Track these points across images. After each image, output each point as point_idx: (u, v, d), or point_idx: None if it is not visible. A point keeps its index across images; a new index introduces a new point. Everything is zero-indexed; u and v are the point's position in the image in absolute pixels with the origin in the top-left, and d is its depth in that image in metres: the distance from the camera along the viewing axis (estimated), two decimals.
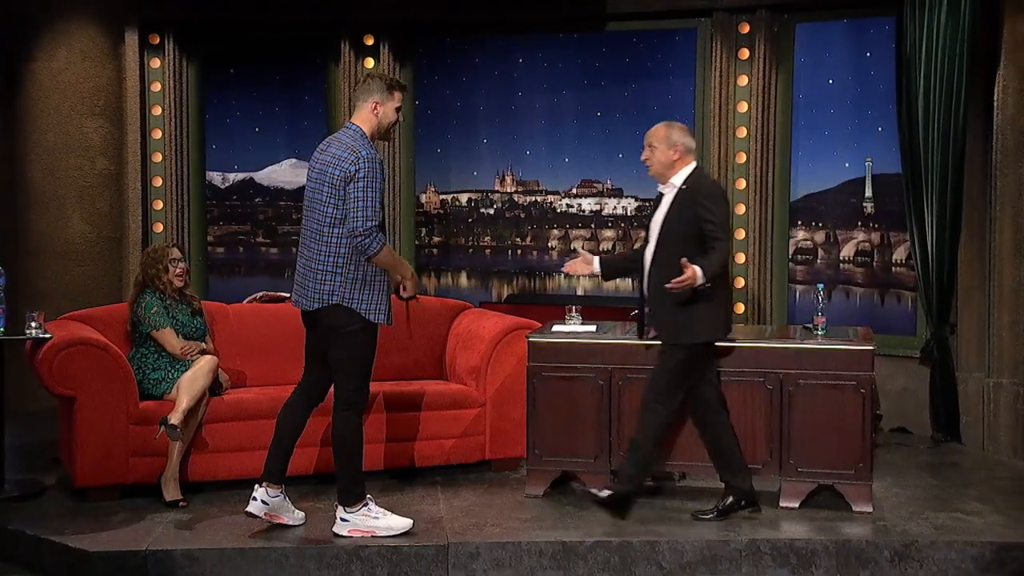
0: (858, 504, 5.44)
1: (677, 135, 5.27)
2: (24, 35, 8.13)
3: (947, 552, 5.07)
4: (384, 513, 5.11)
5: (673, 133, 5.27)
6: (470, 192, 8.81)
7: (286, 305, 6.50)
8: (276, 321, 6.43)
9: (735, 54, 8.01)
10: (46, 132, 8.08)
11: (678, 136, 5.27)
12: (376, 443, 5.97)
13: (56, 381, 5.59)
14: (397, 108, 5.13)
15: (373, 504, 5.13)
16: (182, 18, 8.40)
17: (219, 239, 8.80)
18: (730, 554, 5.04)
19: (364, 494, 5.13)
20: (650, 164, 5.32)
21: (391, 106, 5.10)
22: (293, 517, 5.25)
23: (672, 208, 5.24)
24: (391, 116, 5.12)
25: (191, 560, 4.93)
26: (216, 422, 5.78)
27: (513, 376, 6.13)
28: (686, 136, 5.30)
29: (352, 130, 5.09)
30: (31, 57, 8.10)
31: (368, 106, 5.10)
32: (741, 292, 8.05)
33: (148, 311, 5.88)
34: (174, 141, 8.43)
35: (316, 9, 8.41)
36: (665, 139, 5.27)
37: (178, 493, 5.59)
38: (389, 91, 5.10)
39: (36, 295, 7.73)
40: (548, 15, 8.40)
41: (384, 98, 5.09)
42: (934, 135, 6.80)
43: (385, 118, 5.11)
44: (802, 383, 5.46)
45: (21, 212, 8.18)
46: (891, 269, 7.57)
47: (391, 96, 5.09)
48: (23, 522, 5.35)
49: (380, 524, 5.08)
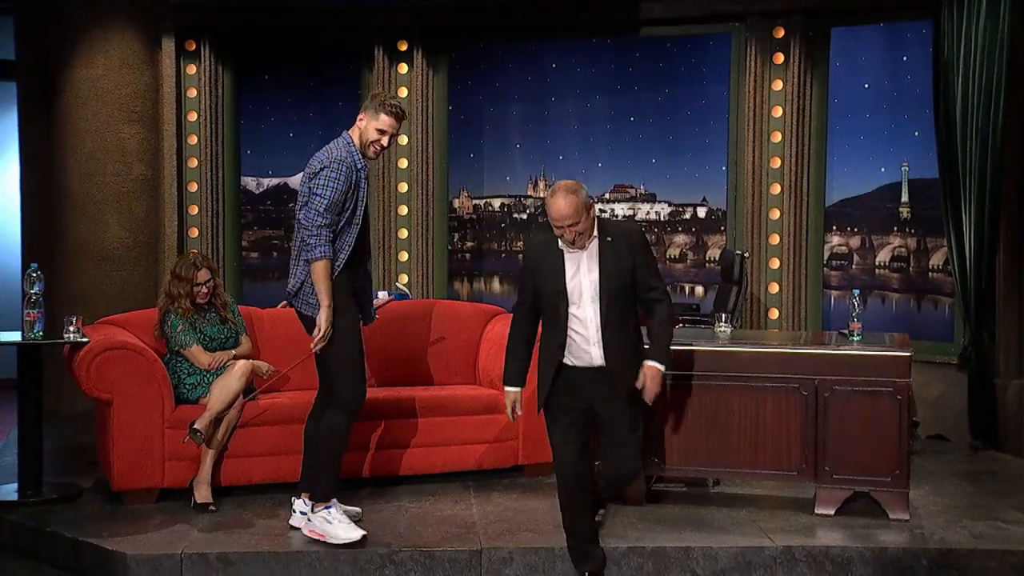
0: (895, 512, 5.39)
1: (583, 193, 4.56)
2: (62, 43, 8.21)
3: (986, 561, 5.01)
4: (341, 521, 5.06)
5: (581, 193, 4.55)
6: (503, 197, 8.81)
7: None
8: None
9: (770, 58, 7.98)
10: (84, 139, 8.15)
11: (584, 193, 4.57)
12: (409, 448, 5.98)
13: (93, 385, 5.63)
14: (380, 130, 5.08)
15: (336, 509, 5.10)
16: (217, 25, 8.47)
17: (253, 244, 8.85)
18: (764, 561, 5.00)
19: (329, 496, 5.11)
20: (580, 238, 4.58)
21: (374, 125, 5.08)
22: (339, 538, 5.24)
23: (603, 262, 4.62)
24: (371, 134, 5.09)
25: (226, 563, 4.94)
26: (250, 426, 5.80)
27: None
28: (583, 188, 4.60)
29: (342, 136, 5.17)
30: (69, 64, 8.18)
31: (359, 120, 5.15)
32: (776, 296, 8.02)
33: (174, 330, 5.90)
34: (209, 147, 8.49)
35: (350, 15, 8.45)
36: (582, 206, 4.54)
37: (209, 497, 5.61)
38: (376, 111, 5.09)
39: (74, 299, 7.80)
40: (581, 20, 8.40)
41: (371, 116, 5.10)
42: (972, 139, 6.74)
43: (365, 134, 5.11)
44: (837, 389, 5.42)
45: (59, 217, 8.25)
46: (928, 274, 7.51)
47: (376, 117, 5.08)
48: (61, 524, 5.39)
49: (334, 531, 5.03)
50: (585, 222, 4.55)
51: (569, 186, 4.56)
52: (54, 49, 8.26)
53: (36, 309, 5.78)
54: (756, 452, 5.50)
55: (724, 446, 5.50)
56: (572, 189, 4.54)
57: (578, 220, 4.52)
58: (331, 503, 5.11)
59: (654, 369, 4.68)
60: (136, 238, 8.23)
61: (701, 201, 8.38)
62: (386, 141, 5.11)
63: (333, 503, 5.11)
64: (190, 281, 5.93)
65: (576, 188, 4.55)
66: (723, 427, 5.47)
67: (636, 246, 4.67)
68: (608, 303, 4.60)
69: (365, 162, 5.15)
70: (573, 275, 4.65)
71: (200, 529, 5.29)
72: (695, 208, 8.40)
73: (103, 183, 8.14)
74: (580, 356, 4.66)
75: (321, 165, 5.05)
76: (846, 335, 5.73)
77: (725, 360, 5.54)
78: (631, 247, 4.65)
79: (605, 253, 4.64)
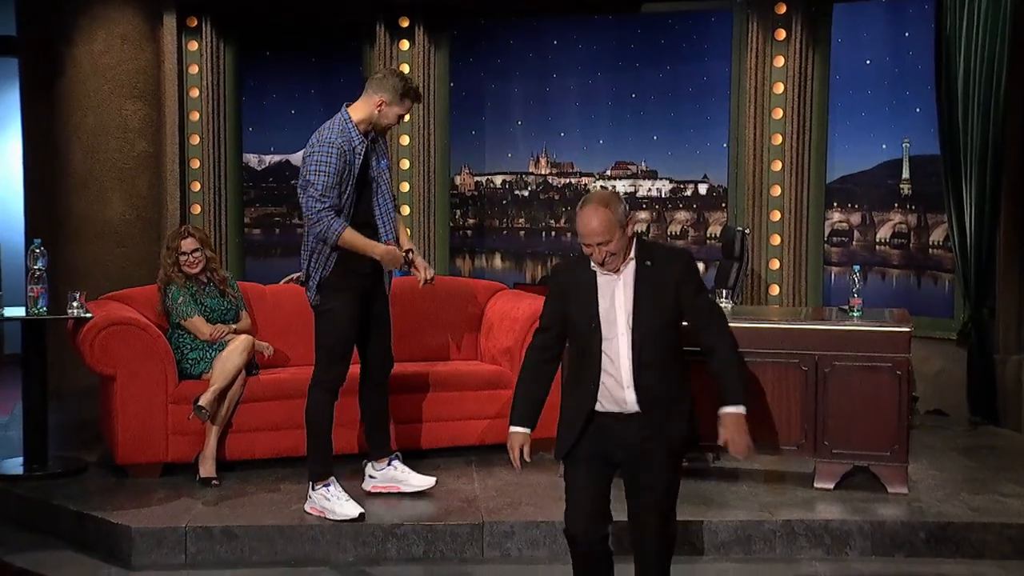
0: (894, 486, 5.41)
1: (619, 207, 3.81)
2: (63, 19, 8.18)
3: (983, 534, 5.04)
4: (339, 498, 5.10)
5: (616, 207, 3.79)
6: (504, 174, 8.81)
7: None
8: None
9: (771, 35, 7.95)
10: (86, 115, 8.14)
11: (621, 207, 3.82)
12: (413, 423, 6.01)
13: (97, 360, 5.66)
14: (400, 115, 5.12)
15: (334, 487, 5.13)
16: (219, 1, 8.43)
17: (255, 221, 8.85)
18: (764, 534, 5.03)
19: (326, 474, 5.15)
20: (612, 259, 3.80)
21: (395, 111, 5.10)
22: (410, 484, 5.37)
23: (639, 291, 3.83)
24: (390, 119, 5.12)
25: (229, 537, 4.98)
26: (253, 401, 5.82)
27: None
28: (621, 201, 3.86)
29: (340, 114, 5.17)
30: (71, 41, 8.15)
31: (373, 100, 5.11)
32: (776, 273, 8.02)
33: (175, 301, 5.92)
34: (211, 123, 8.48)
35: None
36: (617, 222, 3.78)
37: (213, 471, 5.64)
38: (401, 98, 5.09)
39: (77, 275, 7.80)
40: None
41: (393, 101, 5.09)
42: (974, 116, 6.73)
43: (384, 118, 5.12)
44: (837, 364, 5.43)
45: (62, 194, 8.25)
46: (928, 251, 7.51)
47: (401, 103, 5.09)
48: (66, 498, 5.42)
49: (332, 507, 5.08)
50: (619, 241, 3.77)
51: (603, 197, 3.83)
52: (55, 25, 8.23)
53: (40, 285, 5.80)
54: (756, 426, 5.39)
55: None
56: (605, 201, 3.79)
57: (609, 238, 3.74)
58: (329, 481, 5.14)
59: (734, 416, 3.85)
60: (139, 214, 8.22)
61: (702, 178, 8.37)
62: (398, 124, 5.13)
63: (331, 481, 5.14)
64: (175, 250, 5.96)
65: (610, 200, 3.80)
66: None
67: (682, 275, 3.85)
68: (643, 339, 3.79)
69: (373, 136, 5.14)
70: (607, 303, 3.85)
71: (204, 503, 5.32)
72: (696, 185, 8.40)
73: (105, 159, 8.13)
74: (611, 400, 3.86)
75: (311, 149, 5.07)
76: (846, 311, 5.74)
77: None
78: (676, 276, 3.83)
79: (643, 279, 3.83)
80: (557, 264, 3.87)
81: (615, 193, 3.99)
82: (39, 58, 8.45)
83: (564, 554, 4.90)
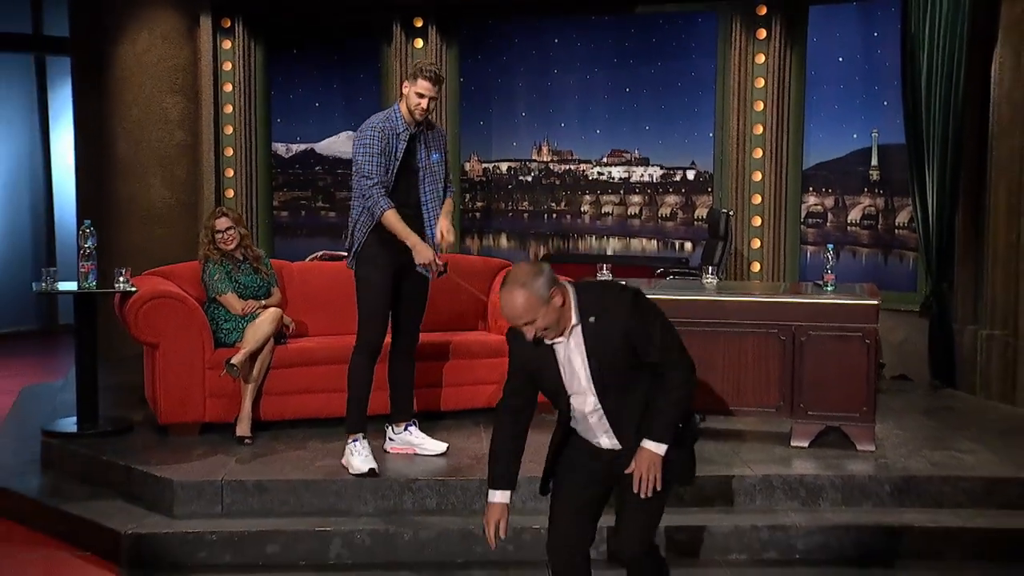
0: (862, 443, 5.40)
1: (540, 281, 3.27)
2: (111, 21, 8.18)
3: (942, 486, 5.04)
4: (359, 453, 5.09)
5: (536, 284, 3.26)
6: (510, 161, 8.77)
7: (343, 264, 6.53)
8: (335, 277, 6.43)
9: (753, 34, 7.90)
10: (130, 108, 8.12)
11: (541, 281, 3.28)
12: (425, 388, 6.00)
13: (141, 330, 5.66)
14: (419, 93, 5.07)
15: (359, 443, 5.12)
16: (250, 3, 8.39)
17: (283, 204, 8.83)
18: (745, 488, 5.03)
19: (356, 429, 5.14)
20: (546, 332, 3.32)
21: (413, 90, 5.08)
22: (424, 449, 5.36)
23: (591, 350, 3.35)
24: (412, 99, 5.09)
25: (261, 490, 4.98)
26: (283, 368, 5.82)
27: None
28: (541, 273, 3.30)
29: (391, 106, 5.22)
30: (116, 40, 8.14)
31: (403, 91, 5.16)
32: (757, 251, 8.01)
33: (212, 278, 5.91)
34: (243, 115, 8.45)
35: None
36: (539, 300, 3.26)
37: (248, 430, 5.64)
38: (413, 77, 5.10)
39: (123, 253, 7.79)
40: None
41: (410, 82, 5.10)
42: (935, 108, 6.69)
43: (408, 100, 5.11)
44: (812, 334, 5.41)
45: (109, 180, 8.25)
46: (894, 231, 7.48)
47: (415, 82, 5.08)
48: (115, 454, 5.44)
49: (351, 461, 5.09)
50: (546, 317, 3.27)
51: (519, 276, 3.27)
52: (103, 26, 8.22)
53: (90, 261, 5.79)
54: (739, 391, 5.51)
55: (710, 386, 5.50)
56: (522, 280, 3.25)
57: (534, 317, 3.26)
58: (357, 436, 5.13)
59: (651, 452, 3.35)
60: (178, 198, 8.22)
61: (690, 164, 8.33)
62: (426, 103, 5.08)
63: (359, 437, 5.13)
64: (212, 229, 5.95)
65: (527, 278, 3.25)
66: (709, 369, 5.46)
67: (628, 325, 3.32)
68: (605, 392, 3.38)
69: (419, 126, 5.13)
70: (567, 368, 3.41)
71: (238, 459, 5.33)
72: (684, 171, 8.36)
73: (148, 148, 8.12)
74: (592, 442, 3.52)
75: (359, 134, 5.11)
76: (821, 286, 5.72)
77: (712, 309, 5.53)
78: (623, 329, 3.32)
79: (591, 338, 3.34)
80: (511, 332, 3.42)
81: (535, 267, 3.34)
82: (89, 57, 8.44)
83: None
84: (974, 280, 6.89)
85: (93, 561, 4.85)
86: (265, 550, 4.75)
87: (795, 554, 4.81)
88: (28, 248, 10.44)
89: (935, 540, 4.81)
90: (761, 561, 4.79)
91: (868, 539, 4.81)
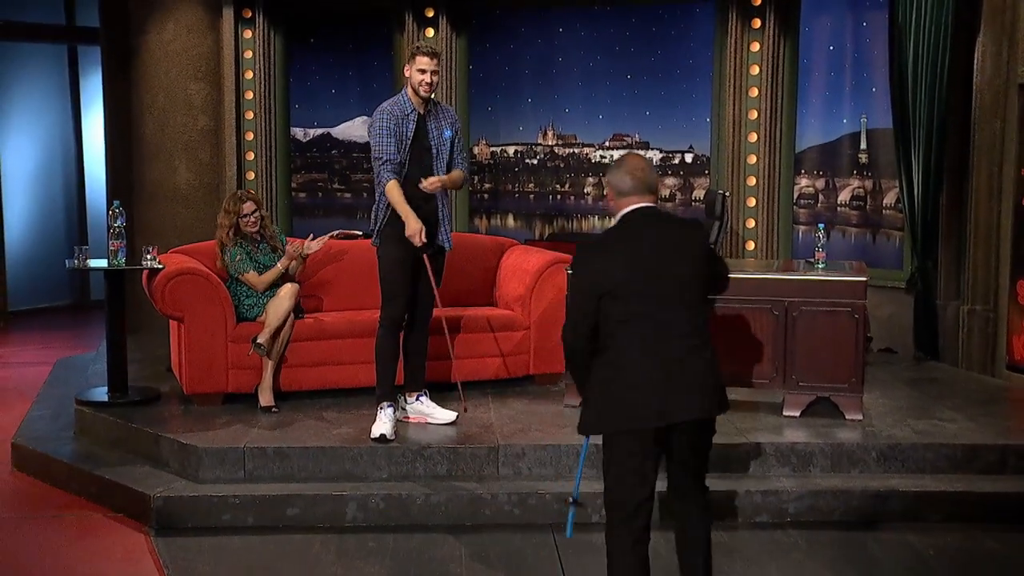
0: (850, 413, 5.38)
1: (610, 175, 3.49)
2: (138, 12, 8.14)
3: (925, 452, 5.04)
4: (383, 420, 5.10)
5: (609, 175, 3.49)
6: (516, 145, 8.72)
7: (359, 242, 6.51)
8: (350, 255, 6.43)
9: (748, 24, 7.84)
10: (157, 94, 8.09)
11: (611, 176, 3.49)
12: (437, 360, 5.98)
13: (167, 305, 5.65)
14: (419, 70, 5.06)
15: (383, 411, 5.13)
16: None
17: (301, 185, 8.80)
18: (740, 455, 5.02)
19: (382, 397, 5.14)
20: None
21: (414, 67, 5.08)
22: (435, 418, 5.35)
23: None
24: (415, 76, 5.09)
25: (281, 456, 4.99)
26: (301, 341, 5.81)
27: (554, 303, 6.09)
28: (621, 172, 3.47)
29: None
30: (144, 30, 8.10)
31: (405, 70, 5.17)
32: (752, 231, 7.97)
33: (233, 259, 5.86)
34: (263, 101, 8.41)
35: None
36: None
37: (271, 400, 5.64)
38: (411, 57, 5.10)
39: (150, 232, 7.80)
40: None
41: (409, 61, 5.11)
42: (921, 94, 6.65)
43: (411, 79, 5.11)
44: (804, 309, 5.38)
45: (137, 163, 8.24)
46: (882, 212, 7.43)
47: (413, 60, 5.09)
48: (143, 421, 5.45)
49: (374, 427, 5.11)
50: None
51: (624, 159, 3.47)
52: (131, 17, 8.18)
53: (119, 240, 5.78)
54: (734, 363, 5.46)
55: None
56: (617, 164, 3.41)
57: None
58: (383, 404, 5.13)
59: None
60: (202, 180, 8.19)
61: (688, 148, 8.28)
62: (428, 78, 5.05)
63: (384, 405, 5.13)
64: (236, 213, 5.89)
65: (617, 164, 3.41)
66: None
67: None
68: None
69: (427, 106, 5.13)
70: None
71: (260, 427, 5.33)
72: (683, 154, 8.31)
73: (173, 133, 8.10)
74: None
75: (372, 119, 5.12)
76: (812, 263, 5.70)
77: None
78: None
79: None
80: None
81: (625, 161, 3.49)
82: (118, 46, 8.42)
83: (568, 471, 4.92)
84: (957, 258, 6.86)
85: (123, 521, 4.88)
86: (285, 512, 4.76)
87: (786, 517, 4.81)
88: (61, 227, 10.43)
89: (918, 503, 4.81)
90: (754, 524, 4.79)
91: (856, 502, 4.82)
